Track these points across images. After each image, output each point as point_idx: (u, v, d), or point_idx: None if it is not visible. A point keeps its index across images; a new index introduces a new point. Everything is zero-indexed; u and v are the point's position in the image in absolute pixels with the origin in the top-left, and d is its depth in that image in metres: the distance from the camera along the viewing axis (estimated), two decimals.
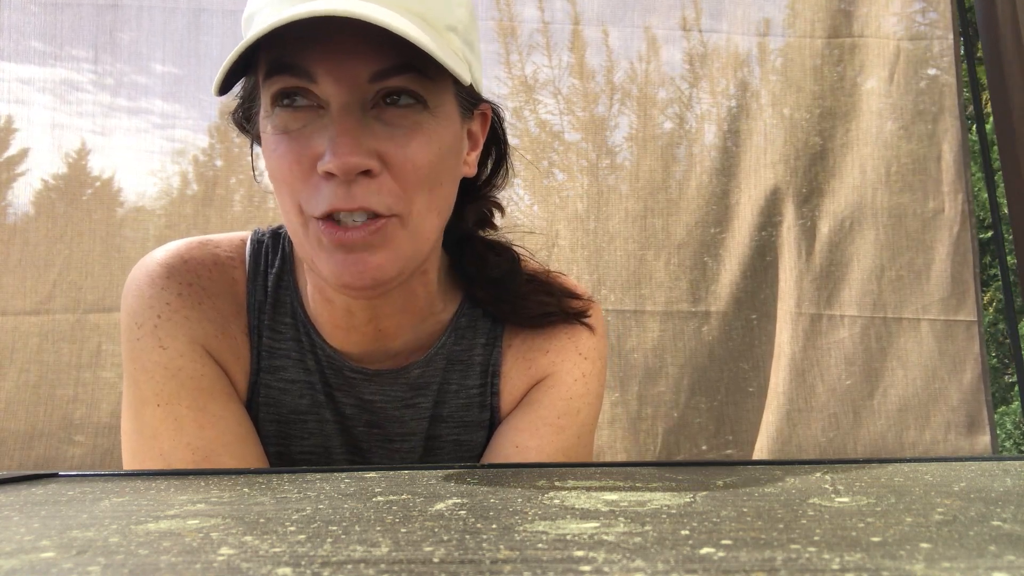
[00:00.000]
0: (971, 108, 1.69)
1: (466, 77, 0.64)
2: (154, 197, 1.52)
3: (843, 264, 1.64)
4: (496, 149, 0.80)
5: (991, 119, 1.66)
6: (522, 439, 0.78)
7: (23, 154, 1.49)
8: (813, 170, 1.65)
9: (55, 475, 0.56)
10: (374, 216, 0.63)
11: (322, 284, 0.73)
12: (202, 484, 0.47)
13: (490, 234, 0.85)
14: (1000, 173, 1.61)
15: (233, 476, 0.52)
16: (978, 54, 1.70)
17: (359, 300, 0.71)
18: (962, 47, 1.67)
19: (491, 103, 0.76)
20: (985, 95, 1.69)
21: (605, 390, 1.54)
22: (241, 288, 0.77)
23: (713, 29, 1.67)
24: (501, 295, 0.80)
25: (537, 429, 0.79)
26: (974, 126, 1.68)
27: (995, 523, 0.29)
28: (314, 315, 0.77)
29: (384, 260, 0.64)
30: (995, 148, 1.62)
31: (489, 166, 0.81)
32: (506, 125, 0.80)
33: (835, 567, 0.22)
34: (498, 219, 0.86)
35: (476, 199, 0.82)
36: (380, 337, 0.76)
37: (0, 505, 0.40)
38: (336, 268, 0.64)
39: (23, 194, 1.49)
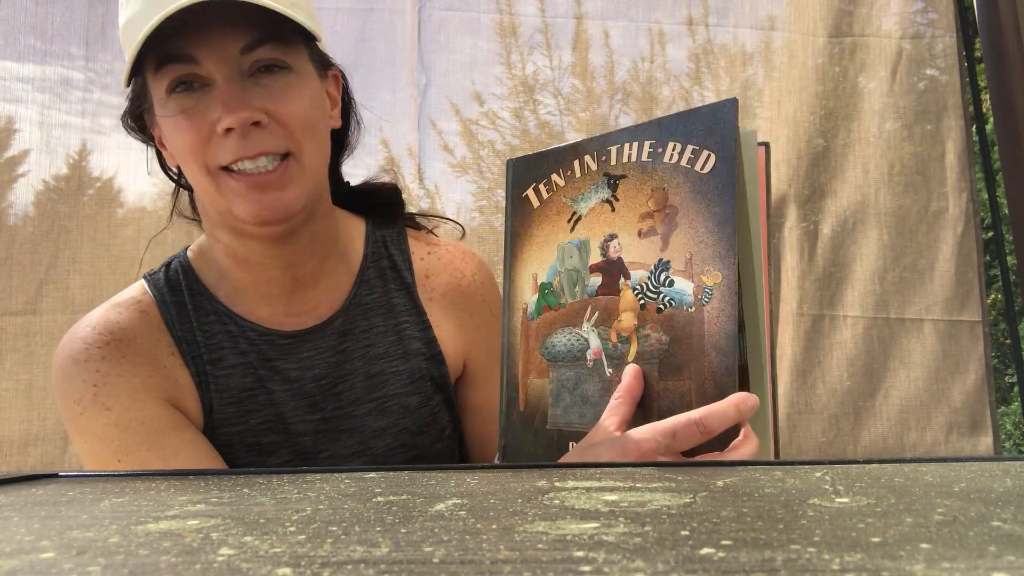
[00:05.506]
0: (971, 108, 1.68)
1: (319, 33, 0.79)
2: (154, 197, 1.51)
3: (845, 264, 1.64)
4: (347, 106, 0.95)
5: (991, 119, 1.65)
6: (485, 349, 0.95)
7: (23, 155, 1.49)
8: (815, 170, 1.65)
9: (55, 475, 0.56)
10: (274, 159, 0.76)
11: (234, 246, 0.83)
12: (202, 484, 0.47)
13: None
14: (1000, 173, 1.61)
15: (233, 476, 0.52)
16: (977, 54, 1.70)
17: (272, 238, 0.81)
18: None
19: (338, 66, 0.90)
20: (984, 95, 1.68)
21: None
22: (154, 315, 0.86)
23: (716, 27, 1.67)
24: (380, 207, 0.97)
25: (490, 339, 0.94)
26: (974, 126, 1.68)
27: (995, 523, 0.29)
28: (231, 303, 0.87)
29: (292, 195, 0.78)
30: (995, 148, 1.62)
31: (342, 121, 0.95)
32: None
33: (835, 567, 0.22)
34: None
35: (342, 149, 0.97)
36: (298, 287, 0.87)
37: (0, 505, 0.40)
38: (253, 207, 0.76)
39: (23, 194, 1.48)
